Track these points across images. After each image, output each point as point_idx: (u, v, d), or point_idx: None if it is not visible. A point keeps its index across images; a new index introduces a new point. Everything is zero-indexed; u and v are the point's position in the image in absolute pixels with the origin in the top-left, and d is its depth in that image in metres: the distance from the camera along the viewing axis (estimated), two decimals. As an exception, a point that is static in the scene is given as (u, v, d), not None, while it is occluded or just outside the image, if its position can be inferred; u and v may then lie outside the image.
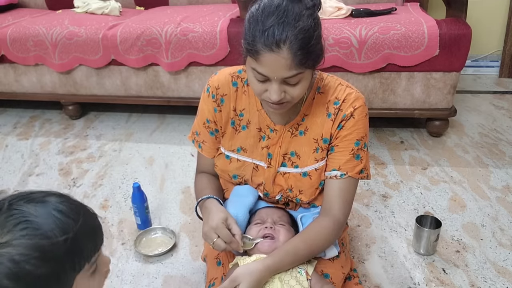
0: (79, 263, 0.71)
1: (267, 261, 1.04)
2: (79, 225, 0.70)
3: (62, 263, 0.68)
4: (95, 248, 0.75)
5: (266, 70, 0.97)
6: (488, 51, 3.10)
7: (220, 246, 1.08)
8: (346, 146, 1.15)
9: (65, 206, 0.71)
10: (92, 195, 1.94)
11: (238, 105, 1.21)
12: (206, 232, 1.10)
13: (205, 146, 1.28)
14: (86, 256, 0.73)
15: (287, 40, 0.92)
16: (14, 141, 2.46)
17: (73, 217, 0.71)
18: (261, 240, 1.12)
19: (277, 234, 1.13)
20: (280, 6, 0.94)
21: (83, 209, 0.75)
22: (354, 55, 2.08)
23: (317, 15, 0.99)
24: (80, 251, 0.71)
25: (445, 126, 2.28)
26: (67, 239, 0.68)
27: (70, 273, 0.70)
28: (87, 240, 0.73)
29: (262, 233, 1.13)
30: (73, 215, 0.71)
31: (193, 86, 2.39)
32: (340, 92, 1.15)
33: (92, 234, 0.75)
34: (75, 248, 0.70)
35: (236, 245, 1.09)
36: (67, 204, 0.72)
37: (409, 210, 1.76)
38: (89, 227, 0.74)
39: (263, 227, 1.14)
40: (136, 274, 1.49)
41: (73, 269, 0.70)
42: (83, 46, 2.38)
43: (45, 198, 0.71)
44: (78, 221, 0.71)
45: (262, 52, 0.94)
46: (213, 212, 1.12)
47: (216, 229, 1.08)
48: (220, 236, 1.08)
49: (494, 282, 1.40)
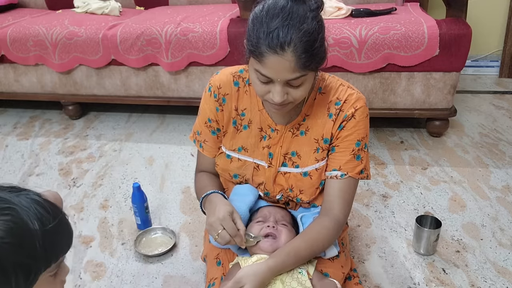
0: (49, 260, 0.74)
1: (270, 263, 1.04)
2: (56, 222, 0.73)
3: (36, 254, 0.70)
4: (65, 248, 0.78)
5: (270, 72, 0.97)
6: (488, 51, 3.10)
7: (224, 237, 1.07)
8: (346, 146, 1.15)
9: (45, 202, 0.74)
10: (92, 195, 1.94)
11: (239, 104, 1.21)
12: (212, 223, 1.09)
13: (206, 146, 1.28)
14: (56, 254, 0.75)
15: (291, 42, 0.92)
16: (14, 141, 2.46)
17: (52, 213, 0.73)
18: (263, 239, 1.12)
19: (279, 234, 1.13)
20: (285, 8, 0.94)
21: (60, 209, 0.78)
22: (354, 55, 2.08)
23: (321, 17, 0.99)
24: (53, 247, 0.73)
25: (445, 126, 2.28)
26: (45, 231, 0.70)
27: (40, 268, 0.72)
28: (61, 238, 0.75)
29: (264, 231, 1.13)
30: (52, 211, 0.74)
31: (193, 86, 2.39)
32: (341, 93, 1.15)
33: (66, 234, 0.77)
34: (50, 243, 0.72)
35: (240, 240, 1.08)
36: (47, 202, 0.75)
37: (409, 210, 1.76)
38: (64, 226, 0.76)
39: (265, 226, 1.14)
40: (136, 274, 1.49)
41: (43, 263, 0.73)
42: (83, 46, 2.38)
43: (27, 193, 0.74)
44: (56, 218, 0.73)
45: (266, 54, 0.94)
46: (220, 204, 1.11)
47: (223, 220, 1.07)
48: (226, 228, 1.07)
49: (494, 282, 1.40)
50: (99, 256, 1.58)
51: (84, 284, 1.46)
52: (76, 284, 1.46)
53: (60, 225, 0.74)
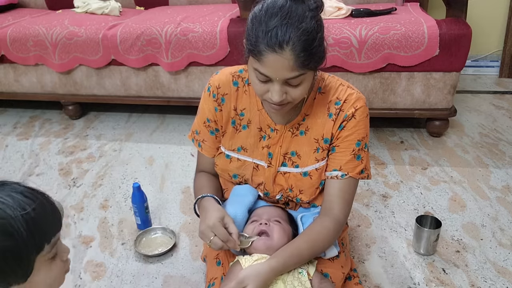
0: (39, 242, 0.74)
1: (272, 263, 1.04)
2: (37, 204, 0.74)
3: (22, 239, 0.71)
4: (53, 230, 0.78)
5: (269, 71, 0.97)
6: (488, 51, 3.10)
7: (217, 244, 1.08)
8: (347, 146, 1.15)
9: (23, 188, 0.76)
10: (92, 195, 1.94)
11: (238, 104, 1.21)
12: (203, 231, 1.10)
13: (205, 145, 1.28)
14: (44, 235, 0.75)
15: (290, 41, 0.92)
16: (14, 141, 2.46)
17: (30, 197, 0.74)
18: (257, 238, 1.12)
19: (272, 230, 1.13)
20: (284, 7, 0.94)
21: (40, 192, 0.79)
22: (354, 55, 2.08)
23: (320, 17, 0.99)
24: (39, 228, 0.74)
25: (445, 126, 2.28)
26: (27, 214, 0.71)
27: (31, 252, 0.73)
28: (45, 219, 0.76)
29: (257, 230, 1.13)
30: (31, 195, 0.75)
31: (193, 86, 2.39)
32: (341, 93, 1.15)
33: (51, 214, 0.78)
34: (34, 225, 0.72)
35: (233, 244, 1.09)
36: (24, 188, 0.76)
37: (409, 210, 1.76)
38: (47, 207, 0.77)
39: (258, 224, 1.14)
40: (136, 274, 1.49)
41: (33, 247, 0.73)
42: (83, 46, 2.38)
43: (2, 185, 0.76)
44: (35, 200, 0.74)
45: (265, 52, 0.94)
46: (210, 211, 1.12)
47: (213, 227, 1.08)
48: (217, 234, 1.08)
49: (494, 282, 1.40)
50: (99, 256, 1.58)
51: (84, 284, 1.46)
52: (76, 284, 1.46)
53: (42, 206, 0.75)
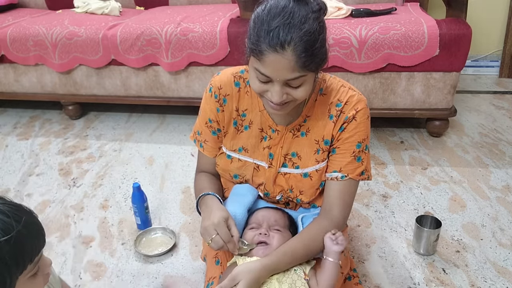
0: (22, 264, 0.72)
1: (266, 261, 1.04)
2: (21, 225, 0.71)
3: (5, 263, 0.69)
4: (38, 248, 0.76)
5: (269, 71, 0.97)
6: (488, 51, 3.10)
7: (218, 243, 1.08)
8: (347, 148, 1.15)
9: (7, 207, 0.72)
10: (92, 195, 1.94)
11: (240, 105, 1.21)
12: (206, 227, 1.09)
13: (207, 146, 1.28)
14: (28, 257, 0.73)
15: (291, 42, 0.92)
16: (14, 141, 2.46)
17: (14, 217, 0.71)
18: (256, 247, 1.11)
19: (271, 240, 1.12)
20: (286, 8, 0.94)
21: (24, 209, 0.76)
22: (354, 55, 2.08)
23: (323, 19, 0.99)
24: (23, 251, 0.72)
25: (445, 126, 2.28)
26: (10, 239, 0.69)
27: (14, 274, 0.71)
28: (29, 240, 0.73)
29: (256, 239, 1.12)
30: (15, 215, 0.72)
31: (193, 86, 2.39)
32: (342, 94, 1.15)
33: (34, 234, 0.75)
34: (18, 248, 0.70)
35: (233, 246, 1.09)
36: (8, 205, 0.73)
37: (409, 210, 1.76)
38: (31, 227, 0.74)
39: (258, 233, 1.14)
40: (136, 274, 1.49)
41: (16, 270, 0.71)
42: (83, 46, 2.38)
43: None
44: (20, 221, 0.71)
45: (266, 52, 0.94)
46: (215, 209, 1.12)
47: (217, 226, 1.07)
48: (220, 234, 1.07)
49: (494, 282, 1.40)
50: (99, 256, 1.58)
51: (84, 284, 1.46)
52: (76, 284, 1.46)
53: (26, 227, 0.72)
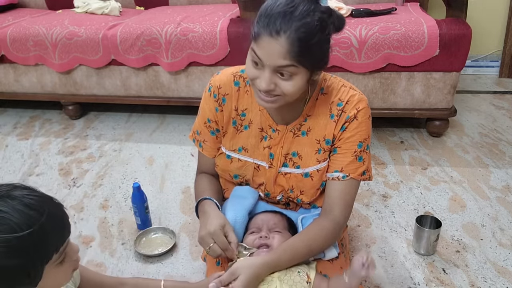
0: (46, 255, 0.73)
1: (266, 258, 1.05)
2: (44, 217, 0.72)
3: (29, 256, 0.70)
4: (62, 238, 0.77)
5: (262, 53, 0.98)
6: (488, 51, 3.10)
7: (215, 251, 1.09)
8: (348, 148, 1.15)
9: (30, 199, 0.73)
10: (92, 195, 1.94)
11: (240, 104, 1.21)
12: (203, 237, 1.11)
13: (206, 146, 1.28)
14: (53, 247, 0.74)
15: (288, 30, 0.94)
16: (14, 141, 2.46)
17: (38, 209, 0.72)
18: (256, 251, 1.11)
19: (272, 242, 1.12)
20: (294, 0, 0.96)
21: (48, 200, 0.77)
22: (354, 55, 2.08)
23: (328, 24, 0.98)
24: (47, 242, 0.73)
25: (445, 126, 2.28)
26: (33, 232, 0.70)
27: (39, 265, 0.72)
28: (53, 231, 0.74)
29: (257, 243, 1.13)
30: (38, 207, 0.73)
31: (193, 86, 2.39)
32: (343, 94, 1.15)
33: (59, 224, 0.76)
34: (42, 240, 0.71)
35: (231, 253, 1.10)
36: (32, 197, 0.74)
37: (409, 210, 1.76)
38: (55, 218, 0.75)
39: (258, 237, 1.14)
40: (136, 274, 1.49)
41: (41, 260, 0.72)
42: (83, 46, 2.38)
43: (10, 193, 0.73)
44: (43, 213, 0.72)
45: (262, 35, 0.96)
46: (211, 217, 1.12)
47: (214, 234, 1.08)
48: (217, 242, 1.09)
49: (494, 282, 1.40)
50: (99, 256, 1.58)
51: (84, 284, 1.46)
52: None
53: (50, 218, 0.73)
